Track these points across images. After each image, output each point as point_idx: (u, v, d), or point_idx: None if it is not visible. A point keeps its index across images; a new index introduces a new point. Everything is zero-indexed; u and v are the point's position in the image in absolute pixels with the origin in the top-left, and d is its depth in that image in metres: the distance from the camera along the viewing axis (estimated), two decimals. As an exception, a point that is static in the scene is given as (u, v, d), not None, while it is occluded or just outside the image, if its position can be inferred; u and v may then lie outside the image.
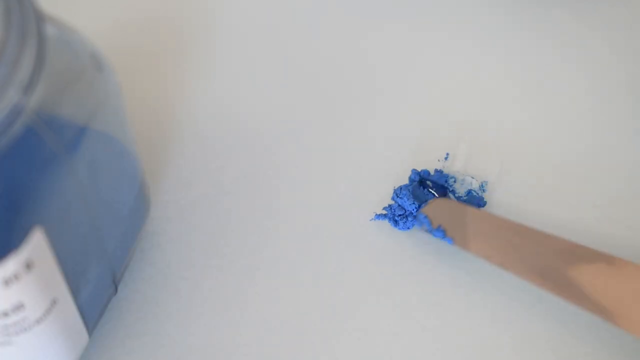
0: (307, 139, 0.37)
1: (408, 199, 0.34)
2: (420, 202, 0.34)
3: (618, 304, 0.30)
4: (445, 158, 0.36)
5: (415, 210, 0.34)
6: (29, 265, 0.24)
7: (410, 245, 0.34)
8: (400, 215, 0.34)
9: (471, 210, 0.34)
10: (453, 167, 0.36)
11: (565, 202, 0.35)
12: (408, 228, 0.34)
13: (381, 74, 0.39)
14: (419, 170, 0.35)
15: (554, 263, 0.32)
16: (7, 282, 0.24)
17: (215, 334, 0.32)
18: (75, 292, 0.28)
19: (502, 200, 0.35)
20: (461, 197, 0.35)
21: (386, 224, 0.34)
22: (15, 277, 0.24)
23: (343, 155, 0.36)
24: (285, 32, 0.40)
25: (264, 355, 0.32)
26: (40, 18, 0.24)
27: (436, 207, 0.34)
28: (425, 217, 0.34)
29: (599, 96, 0.38)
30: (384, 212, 0.35)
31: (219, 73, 0.39)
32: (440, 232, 0.33)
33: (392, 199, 0.35)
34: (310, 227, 0.35)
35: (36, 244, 0.24)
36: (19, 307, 0.25)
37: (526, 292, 0.33)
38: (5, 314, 0.25)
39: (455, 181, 0.35)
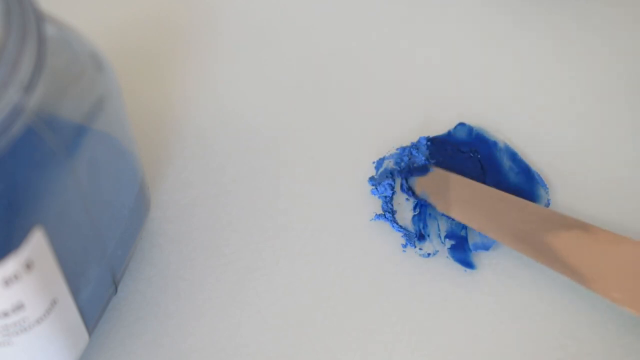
0: (307, 139, 0.37)
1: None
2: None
3: (591, 268, 0.32)
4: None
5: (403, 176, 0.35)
6: (29, 265, 0.24)
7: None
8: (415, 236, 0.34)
9: (454, 177, 0.35)
10: None
11: (563, 202, 0.35)
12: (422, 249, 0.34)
13: (383, 75, 0.39)
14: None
15: (532, 229, 0.33)
16: (7, 282, 0.24)
17: (215, 334, 0.32)
18: (75, 292, 0.28)
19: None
20: None
21: (386, 224, 0.34)
22: (15, 277, 0.24)
23: (343, 155, 0.36)
24: (284, 32, 0.40)
25: (264, 355, 0.32)
26: (40, 18, 0.24)
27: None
28: (409, 186, 0.35)
29: (599, 96, 0.38)
30: (384, 212, 0.35)
31: (218, 73, 0.39)
32: (423, 197, 0.34)
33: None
34: (310, 227, 0.35)
35: (36, 244, 0.24)
36: (19, 307, 0.25)
37: (527, 291, 0.33)
38: (5, 314, 0.25)
39: None
